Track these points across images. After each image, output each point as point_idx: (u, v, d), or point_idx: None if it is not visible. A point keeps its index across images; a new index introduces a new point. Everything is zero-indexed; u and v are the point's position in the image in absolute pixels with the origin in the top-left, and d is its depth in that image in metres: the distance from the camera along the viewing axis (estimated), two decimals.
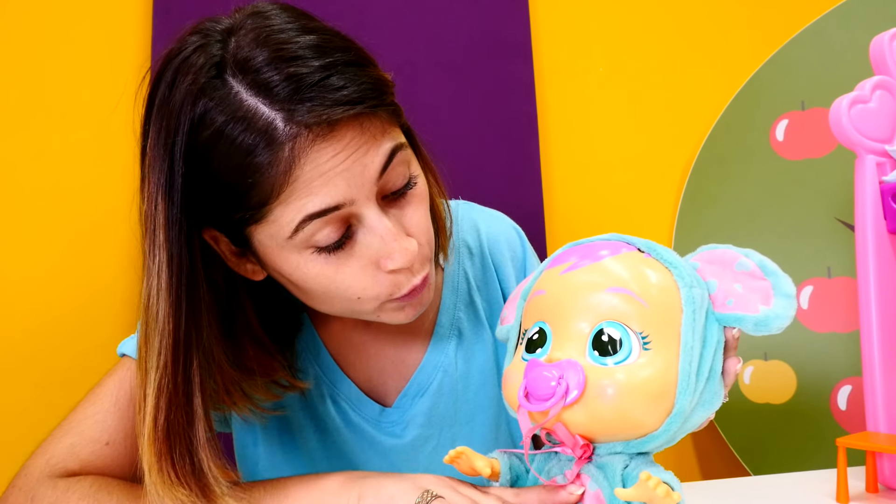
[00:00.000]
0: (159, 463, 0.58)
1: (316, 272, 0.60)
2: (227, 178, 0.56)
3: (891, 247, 0.83)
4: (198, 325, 0.60)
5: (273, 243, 0.59)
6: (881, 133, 0.85)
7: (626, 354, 0.47)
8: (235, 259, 0.64)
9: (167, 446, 0.58)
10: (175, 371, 0.58)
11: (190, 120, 0.56)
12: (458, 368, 0.79)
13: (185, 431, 0.59)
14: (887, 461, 0.79)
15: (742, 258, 0.50)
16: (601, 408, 0.46)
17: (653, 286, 0.49)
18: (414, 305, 0.66)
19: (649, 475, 0.43)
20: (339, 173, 0.56)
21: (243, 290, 0.67)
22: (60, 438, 0.69)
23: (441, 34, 1.36)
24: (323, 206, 0.56)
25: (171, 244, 0.58)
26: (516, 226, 0.87)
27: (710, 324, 0.50)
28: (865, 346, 0.81)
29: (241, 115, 0.54)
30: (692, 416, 0.49)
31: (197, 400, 0.59)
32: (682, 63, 1.49)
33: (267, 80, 0.54)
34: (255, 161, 0.55)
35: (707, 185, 1.41)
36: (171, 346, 0.58)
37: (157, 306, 0.58)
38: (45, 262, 1.22)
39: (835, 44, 1.35)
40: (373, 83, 0.57)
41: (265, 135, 0.54)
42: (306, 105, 0.54)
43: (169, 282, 0.58)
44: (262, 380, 0.69)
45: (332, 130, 0.55)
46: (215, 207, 0.58)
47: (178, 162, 0.57)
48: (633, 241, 0.53)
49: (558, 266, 0.52)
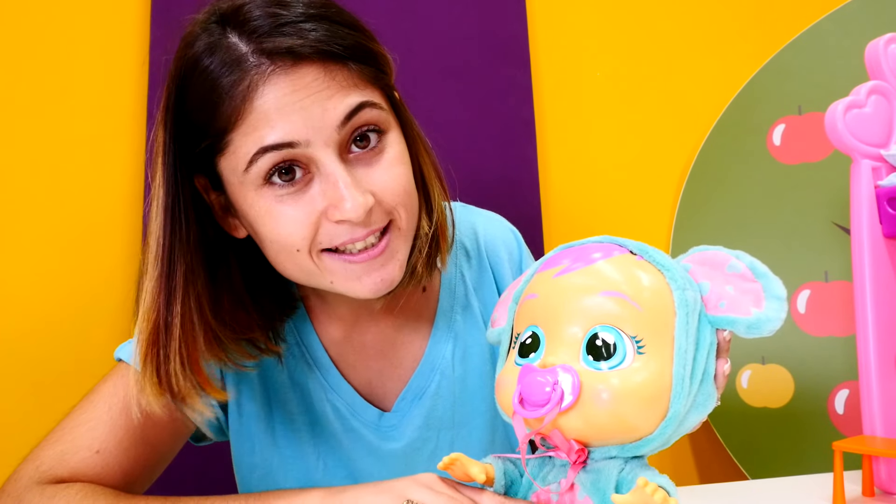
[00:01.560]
0: (144, 353, 0.64)
1: (266, 209, 0.62)
2: (198, 104, 0.61)
3: (886, 251, 0.84)
4: (182, 246, 0.64)
5: (235, 179, 0.62)
6: (877, 138, 0.85)
7: (621, 359, 0.47)
8: (221, 213, 0.68)
9: (153, 345, 0.64)
10: (162, 277, 0.64)
11: (185, 52, 0.62)
12: (455, 371, 0.79)
13: (166, 332, 0.63)
14: (884, 465, 0.79)
15: (733, 260, 0.51)
16: (596, 413, 0.46)
17: (646, 289, 0.49)
18: (372, 276, 0.65)
19: (646, 481, 0.43)
20: (296, 110, 0.59)
21: (230, 247, 0.70)
22: (52, 445, 0.70)
23: (439, 37, 1.36)
24: (277, 140, 0.59)
25: (165, 169, 0.63)
26: (513, 228, 0.87)
27: (702, 326, 0.50)
28: (862, 350, 0.81)
29: (218, 46, 0.60)
30: (687, 419, 0.49)
31: (177, 304, 0.64)
32: (680, 67, 1.49)
33: (250, 18, 0.60)
34: (219, 84, 0.59)
35: (704, 190, 1.42)
36: (159, 256, 0.64)
37: (154, 222, 0.64)
38: (43, 263, 1.22)
39: (832, 48, 1.35)
40: (351, 41, 0.61)
41: (233, 62, 0.59)
42: (276, 38, 0.59)
43: (164, 200, 0.63)
44: (238, 336, 0.70)
45: (295, 65, 0.59)
46: (190, 136, 0.62)
47: (172, 95, 0.63)
48: (625, 243, 0.52)
49: (551, 269, 0.52)
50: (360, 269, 0.64)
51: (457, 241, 0.81)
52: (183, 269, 0.64)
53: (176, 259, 0.64)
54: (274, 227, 0.62)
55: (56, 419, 1.19)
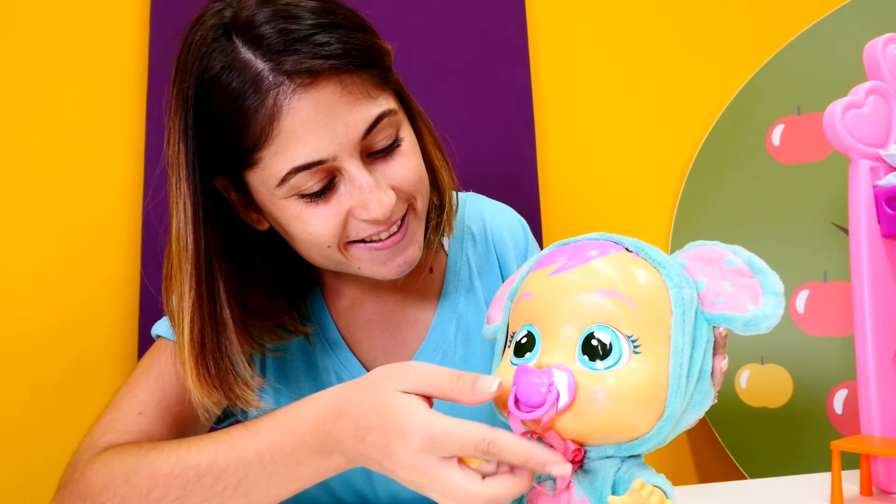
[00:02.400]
0: (196, 369, 0.66)
1: (296, 214, 0.66)
2: (223, 122, 0.63)
3: (885, 251, 0.84)
4: (217, 253, 0.67)
5: (265, 189, 0.65)
6: (875, 138, 0.86)
7: (617, 359, 0.46)
8: (243, 208, 0.71)
9: (202, 354, 0.66)
10: (201, 287, 0.66)
11: (198, 69, 0.63)
12: (456, 351, 0.81)
13: (216, 338, 0.67)
14: (881, 464, 0.79)
15: (730, 255, 0.50)
16: (592, 413, 0.46)
17: (642, 287, 0.48)
18: (396, 259, 0.70)
19: (643, 483, 0.42)
20: (321, 128, 0.62)
21: (253, 239, 0.73)
22: (103, 417, 0.74)
23: (438, 38, 1.36)
24: (308, 160, 0.62)
25: (191, 182, 0.65)
26: (522, 218, 0.91)
27: (699, 324, 0.49)
28: (860, 350, 0.82)
29: (236, 65, 0.61)
30: (684, 418, 0.49)
31: (226, 312, 0.67)
32: (679, 67, 1.49)
33: (262, 34, 0.61)
34: (244, 106, 0.61)
35: (703, 190, 1.42)
36: (196, 268, 0.66)
37: (185, 236, 0.66)
38: (43, 263, 1.22)
39: (831, 49, 1.35)
40: (361, 46, 0.63)
41: (253, 82, 0.61)
42: (293, 57, 0.60)
43: (194, 214, 0.65)
44: (268, 322, 0.74)
45: (314, 82, 0.61)
46: (216, 151, 0.65)
47: (189, 108, 0.64)
48: (621, 240, 0.52)
49: (546, 267, 0.51)
50: (385, 255, 0.69)
51: (464, 226, 0.86)
52: (224, 278, 0.67)
53: (214, 269, 0.67)
54: (305, 229, 0.66)
55: (56, 419, 1.19)
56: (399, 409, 0.51)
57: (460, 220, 0.86)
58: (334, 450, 0.56)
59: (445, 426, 0.49)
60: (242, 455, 0.59)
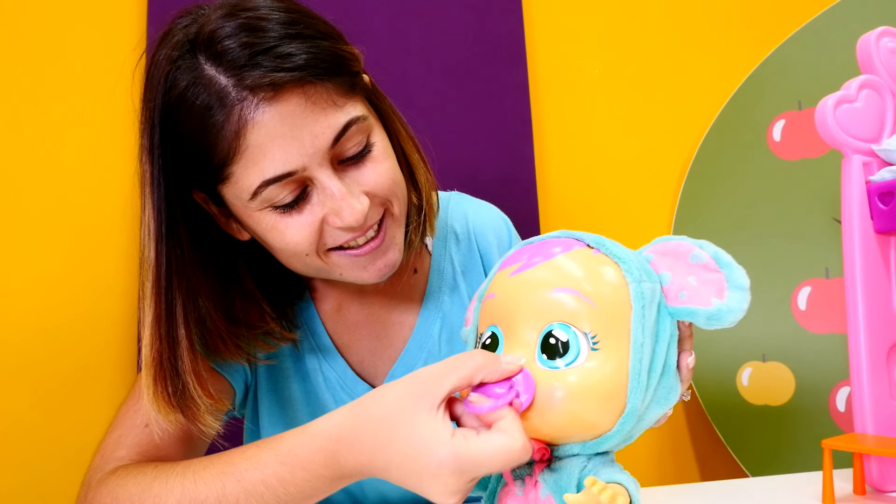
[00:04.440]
0: (154, 386, 0.66)
1: (271, 225, 0.66)
2: (191, 139, 0.63)
3: (878, 247, 0.83)
4: (178, 270, 0.67)
5: (239, 202, 0.66)
6: (868, 132, 0.85)
7: (575, 356, 0.46)
8: (224, 219, 0.71)
9: (160, 371, 0.66)
10: (160, 306, 0.66)
11: (163, 86, 0.63)
12: (441, 350, 0.82)
13: (172, 358, 0.66)
14: (875, 463, 0.78)
15: (696, 250, 0.50)
16: (551, 412, 0.46)
17: (601, 283, 0.48)
18: (376, 263, 0.70)
19: (595, 480, 0.42)
20: (288, 140, 0.62)
21: (238, 250, 0.74)
22: (110, 434, 0.75)
23: (436, 37, 1.36)
24: (278, 173, 0.62)
25: (155, 200, 0.65)
26: (504, 216, 0.91)
27: (662, 318, 0.49)
28: (853, 347, 0.81)
29: (200, 81, 0.61)
30: (647, 414, 0.49)
31: (181, 331, 0.67)
32: (678, 64, 1.48)
33: (225, 49, 0.61)
34: (210, 122, 0.61)
35: (704, 186, 1.41)
36: (156, 286, 0.66)
37: (147, 252, 0.66)
38: (45, 264, 1.23)
39: (832, 43, 1.34)
40: (325, 55, 0.63)
41: (218, 98, 0.61)
42: (255, 71, 0.60)
43: (157, 230, 0.65)
44: (255, 331, 0.75)
45: (277, 95, 0.61)
46: (187, 167, 0.65)
47: (155, 125, 0.64)
48: (581, 236, 0.52)
49: (508, 268, 0.52)
50: (364, 260, 0.70)
51: (447, 226, 0.86)
52: (182, 296, 0.67)
53: (173, 287, 0.66)
54: (282, 239, 0.67)
55: (56, 419, 1.21)
56: (423, 444, 0.48)
57: (443, 219, 0.86)
58: (352, 475, 0.54)
59: (474, 455, 0.46)
60: (252, 489, 0.57)
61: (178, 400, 0.66)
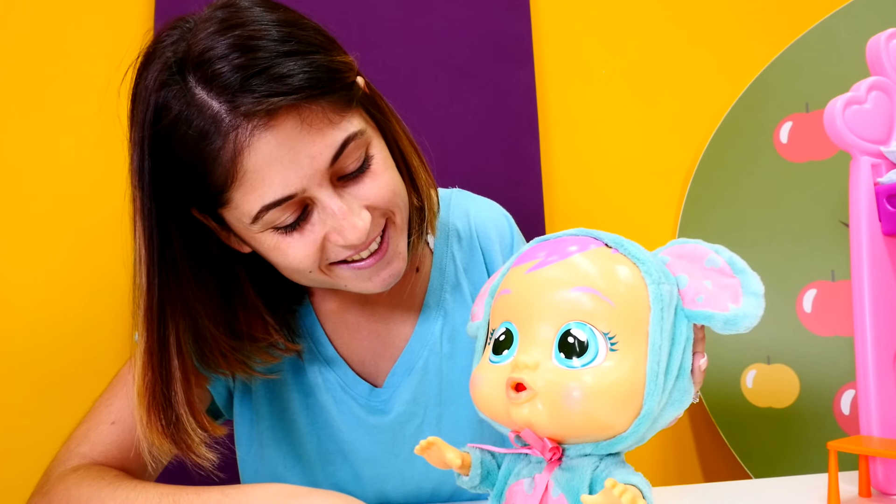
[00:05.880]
0: (148, 416, 0.65)
1: (273, 246, 0.65)
2: (187, 165, 0.61)
3: (885, 249, 0.82)
4: (172, 298, 0.66)
5: (241, 225, 0.65)
6: (876, 134, 0.84)
7: (593, 356, 0.46)
8: (225, 233, 0.69)
9: (153, 402, 0.65)
10: (153, 337, 0.65)
11: (153, 110, 0.61)
12: (443, 348, 0.81)
13: (165, 390, 0.66)
14: (881, 465, 0.78)
15: (712, 254, 0.49)
16: (567, 411, 0.45)
17: (620, 283, 0.48)
18: (381, 274, 0.70)
19: (615, 482, 0.42)
20: (286, 164, 0.60)
21: (238, 261, 0.73)
22: (81, 426, 0.75)
23: (443, 36, 1.36)
24: (277, 197, 0.61)
25: (146, 228, 0.64)
26: (506, 213, 0.90)
27: (679, 320, 0.49)
28: (859, 349, 0.80)
29: (192, 107, 0.59)
30: (661, 416, 0.49)
31: (174, 362, 0.66)
32: (686, 65, 1.48)
33: (217, 72, 0.58)
34: (206, 149, 0.59)
35: (710, 188, 1.41)
36: (147, 315, 0.65)
37: (138, 279, 0.65)
38: (45, 263, 1.23)
39: (839, 45, 1.33)
40: (320, 72, 0.61)
41: (213, 125, 0.59)
42: (248, 96, 0.58)
43: (148, 258, 0.64)
44: (259, 344, 0.74)
45: (272, 120, 0.59)
46: (184, 192, 0.63)
47: (145, 150, 0.62)
48: (600, 235, 0.52)
49: (524, 264, 0.51)
50: (369, 272, 0.69)
51: (449, 224, 0.85)
52: (175, 326, 0.66)
53: (166, 316, 0.65)
54: (284, 258, 0.66)
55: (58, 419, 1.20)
56: None
57: (445, 217, 0.85)
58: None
59: None
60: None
61: (172, 432, 0.66)
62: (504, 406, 0.48)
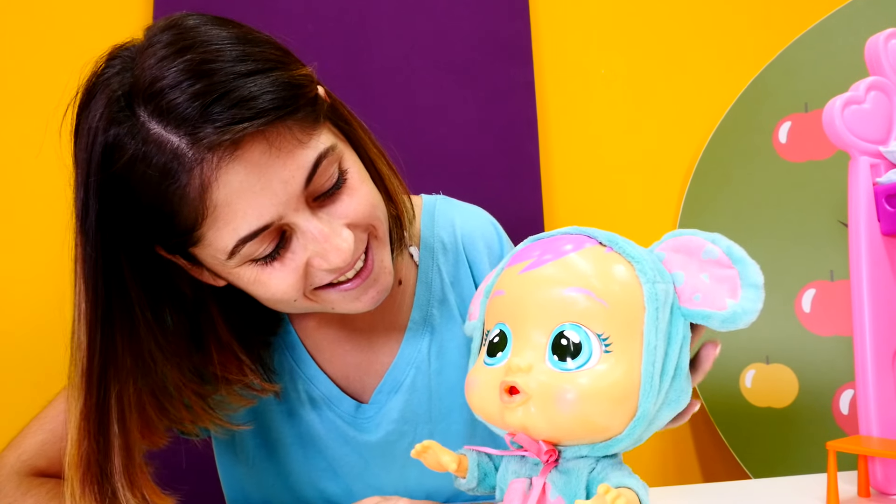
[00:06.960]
0: (81, 489, 0.60)
1: (253, 279, 0.61)
2: (149, 207, 0.56)
3: (884, 249, 0.83)
4: (118, 355, 0.60)
5: (216, 261, 0.61)
6: (875, 134, 0.84)
7: (587, 358, 0.45)
8: (197, 269, 0.65)
9: (87, 475, 0.60)
10: (91, 400, 0.60)
11: (102, 151, 0.56)
12: (431, 365, 0.79)
13: (100, 460, 0.60)
14: (880, 465, 0.78)
15: (709, 245, 0.48)
16: (561, 414, 0.45)
17: (614, 283, 0.47)
18: (369, 293, 0.66)
19: (608, 488, 0.41)
20: (257, 192, 0.56)
21: (210, 297, 0.69)
22: (34, 434, 0.71)
23: (441, 36, 1.36)
24: (252, 229, 0.57)
25: (88, 277, 0.59)
26: (493, 220, 0.86)
27: (675, 319, 0.48)
28: (858, 349, 0.80)
29: (150, 144, 0.54)
30: (658, 417, 0.48)
31: (114, 428, 0.60)
32: (685, 65, 1.48)
33: (172, 104, 0.53)
34: (170, 188, 0.55)
35: (709, 188, 1.41)
36: (88, 375, 0.60)
37: (78, 335, 0.60)
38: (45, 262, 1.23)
39: (839, 45, 1.33)
40: (282, 90, 0.56)
41: (175, 161, 0.54)
42: (210, 126, 0.53)
43: (90, 312, 0.59)
44: (233, 386, 0.70)
45: (238, 149, 0.54)
46: (146, 234, 0.59)
47: (91, 194, 0.57)
48: (595, 234, 0.51)
49: (518, 264, 0.50)
50: (357, 292, 0.66)
51: (434, 236, 0.82)
52: (119, 386, 0.60)
53: (108, 377, 0.60)
54: (266, 290, 0.62)
55: None
56: None
57: (430, 228, 0.82)
58: None
59: None
60: None
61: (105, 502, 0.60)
62: (498, 409, 0.47)
